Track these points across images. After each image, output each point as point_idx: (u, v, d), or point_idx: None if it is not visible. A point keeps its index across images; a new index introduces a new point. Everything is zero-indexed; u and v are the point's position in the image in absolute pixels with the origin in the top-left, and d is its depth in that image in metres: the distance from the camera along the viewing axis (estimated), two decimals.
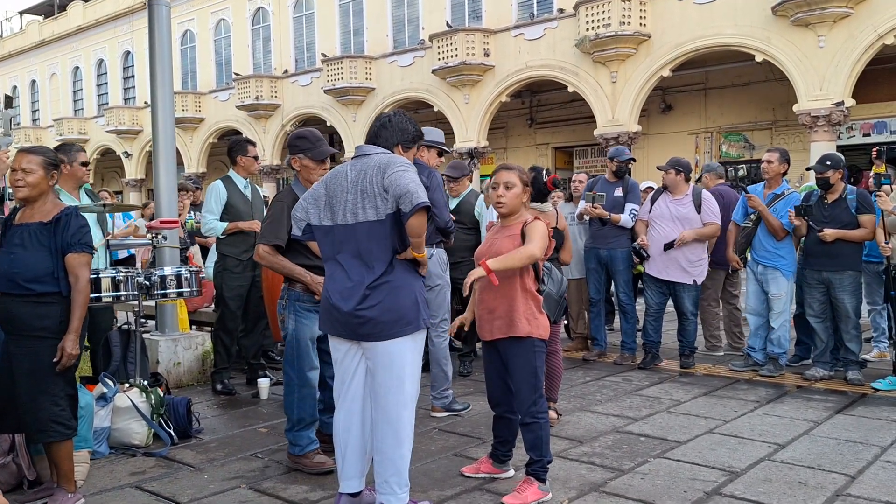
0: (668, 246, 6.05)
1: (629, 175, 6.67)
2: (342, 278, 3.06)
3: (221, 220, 5.46)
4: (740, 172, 17.86)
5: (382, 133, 3.19)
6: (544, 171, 4.78)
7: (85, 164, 4.88)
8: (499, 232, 3.59)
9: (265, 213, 4.03)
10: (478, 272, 3.23)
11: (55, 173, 3.36)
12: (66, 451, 3.32)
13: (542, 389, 3.47)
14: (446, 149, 4.92)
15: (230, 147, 5.67)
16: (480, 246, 3.71)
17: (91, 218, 4.94)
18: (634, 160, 6.77)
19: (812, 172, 5.77)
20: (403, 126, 3.24)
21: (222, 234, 5.45)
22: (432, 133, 4.84)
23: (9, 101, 8.66)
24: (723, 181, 7.20)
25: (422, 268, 3.13)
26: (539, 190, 4.71)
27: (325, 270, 3.20)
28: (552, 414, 4.67)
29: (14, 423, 3.33)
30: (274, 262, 3.83)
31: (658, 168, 6.45)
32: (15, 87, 38.07)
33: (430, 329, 4.95)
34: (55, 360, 3.22)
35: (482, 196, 6.05)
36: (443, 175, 5.77)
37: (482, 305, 3.53)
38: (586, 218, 6.51)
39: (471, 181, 6.32)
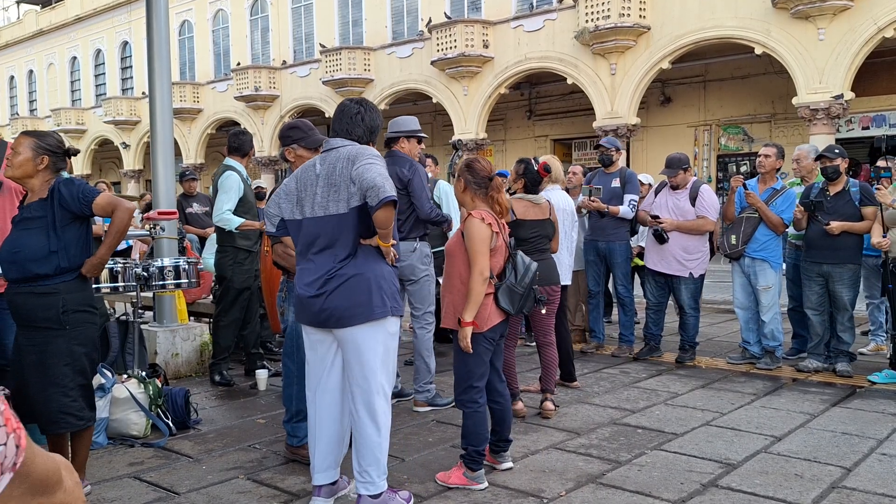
0: (657, 236, 6.07)
1: (627, 166, 6.65)
2: (311, 269, 3.10)
3: (235, 211, 5.43)
4: (743, 168, 17.86)
5: (355, 130, 3.20)
6: (533, 160, 4.75)
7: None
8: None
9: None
10: (468, 333, 3.35)
11: (45, 157, 3.33)
12: (84, 440, 3.39)
13: (472, 381, 3.46)
14: (424, 135, 4.94)
15: (243, 140, 5.57)
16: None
17: None
18: (619, 149, 6.72)
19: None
20: (375, 124, 3.27)
21: (237, 230, 5.41)
22: (408, 122, 4.84)
23: None
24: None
25: (388, 257, 3.13)
26: (532, 180, 4.69)
27: (299, 264, 3.22)
28: (549, 405, 4.67)
29: (28, 414, 3.35)
30: (293, 263, 3.78)
31: (661, 173, 6.37)
32: (12, 77, 37.94)
33: (413, 321, 4.94)
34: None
35: (440, 181, 6.15)
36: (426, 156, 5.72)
37: None
38: (584, 211, 6.50)
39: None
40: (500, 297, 3.49)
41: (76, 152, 3.61)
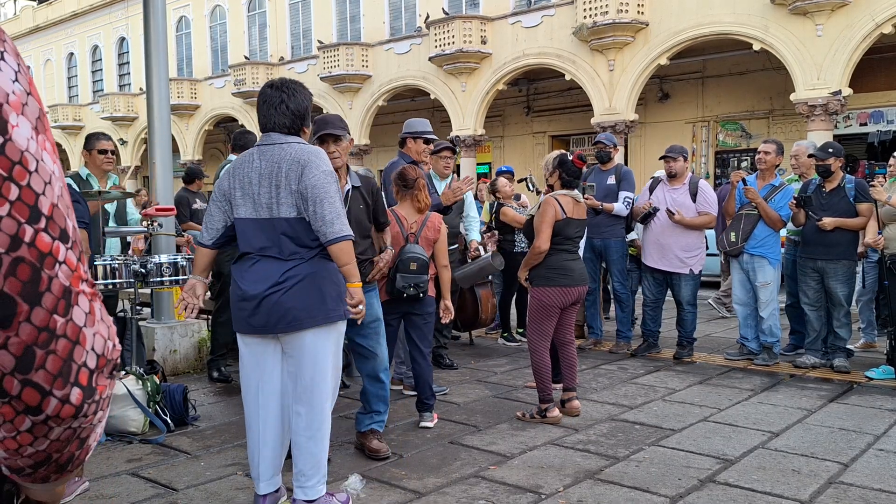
0: (647, 217, 6.09)
1: (625, 162, 6.66)
2: (260, 269, 2.93)
3: None
4: (744, 164, 17.86)
5: (282, 121, 2.95)
6: (567, 153, 4.54)
7: (103, 151, 5.11)
8: None
9: None
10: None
11: None
12: None
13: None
14: (428, 136, 4.91)
15: (247, 139, 5.52)
16: None
17: (111, 208, 5.30)
18: (617, 146, 6.71)
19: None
20: (303, 107, 2.99)
21: None
22: (413, 125, 4.84)
23: None
24: None
25: (352, 300, 3.01)
26: (569, 171, 4.46)
27: (239, 264, 3.07)
28: (576, 403, 4.62)
29: None
30: None
31: (661, 158, 6.38)
32: None
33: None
34: None
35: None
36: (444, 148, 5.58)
37: None
38: None
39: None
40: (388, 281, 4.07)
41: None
